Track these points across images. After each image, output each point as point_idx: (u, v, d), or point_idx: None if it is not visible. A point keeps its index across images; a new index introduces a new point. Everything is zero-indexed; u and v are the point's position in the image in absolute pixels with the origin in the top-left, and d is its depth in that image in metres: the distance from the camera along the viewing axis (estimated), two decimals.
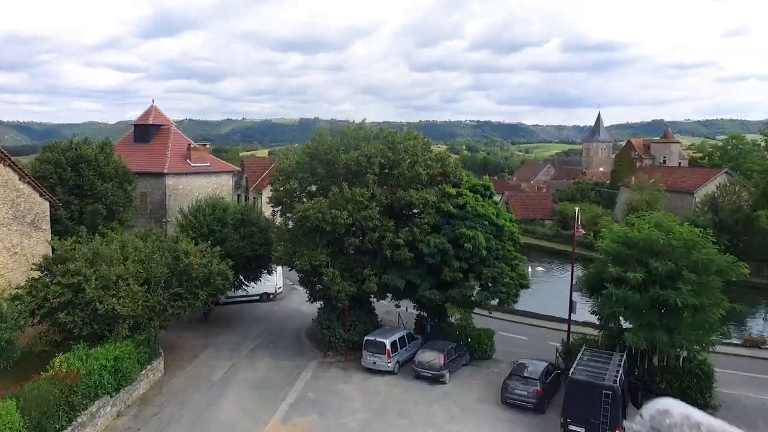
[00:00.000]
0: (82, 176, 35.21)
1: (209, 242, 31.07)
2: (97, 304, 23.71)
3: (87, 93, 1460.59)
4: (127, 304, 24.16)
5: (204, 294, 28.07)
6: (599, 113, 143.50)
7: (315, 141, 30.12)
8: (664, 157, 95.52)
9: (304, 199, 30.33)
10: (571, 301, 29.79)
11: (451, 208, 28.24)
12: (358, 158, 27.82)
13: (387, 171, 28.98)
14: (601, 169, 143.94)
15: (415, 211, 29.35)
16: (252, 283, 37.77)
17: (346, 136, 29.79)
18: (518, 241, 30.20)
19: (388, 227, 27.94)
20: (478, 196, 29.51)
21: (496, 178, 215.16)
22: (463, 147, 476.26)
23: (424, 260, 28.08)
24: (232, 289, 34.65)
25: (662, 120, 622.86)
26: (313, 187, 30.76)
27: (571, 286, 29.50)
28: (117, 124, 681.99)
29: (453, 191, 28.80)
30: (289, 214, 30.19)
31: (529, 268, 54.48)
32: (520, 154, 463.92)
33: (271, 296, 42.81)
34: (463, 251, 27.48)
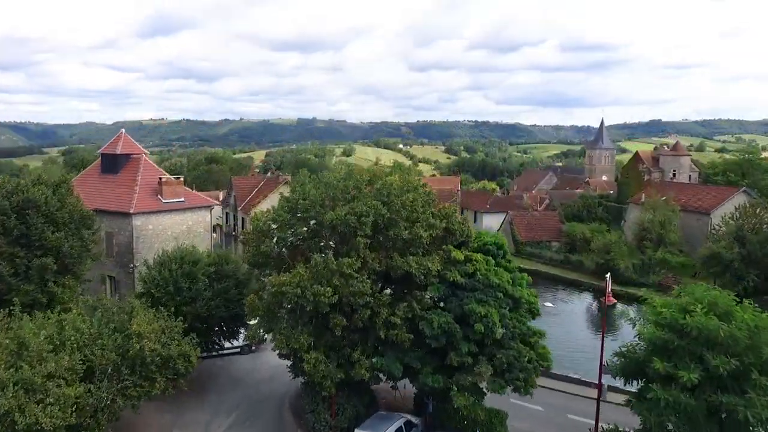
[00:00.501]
0: (30, 225, 30.16)
1: (173, 311, 26.19)
2: (16, 414, 18.74)
3: (84, 93, 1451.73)
4: (56, 413, 19.14)
5: (162, 380, 23.23)
6: (602, 120, 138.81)
7: (296, 192, 25.15)
8: (674, 171, 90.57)
9: (284, 254, 25.32)
10: (600, 385, 24.92)
11: (459, 277, 23.28)
12: (346, 218, 22.84)
13: (381, 229, 23.97)
14: (604, 177, 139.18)
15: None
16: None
17: (332, 188, 24.77)
18: (538, 312, 25.26)
19: (381, 302, 22.98)
20: (490, 258, 24.53)
21: (495, 183, 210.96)
22: (462, 148, 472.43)
23: (426, 341, 23.14)
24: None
25: (660, 120, 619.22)
26: (294, 239, 25.71)
27: (600, 367, 24.58)
28: (114, 124, 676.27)
29: (460, 256, 23.80)
30: (263, 279, 25.22)
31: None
32: (518, 155, 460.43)
33: (253, 347, 37.87)
34: (473, 331, 22.53)
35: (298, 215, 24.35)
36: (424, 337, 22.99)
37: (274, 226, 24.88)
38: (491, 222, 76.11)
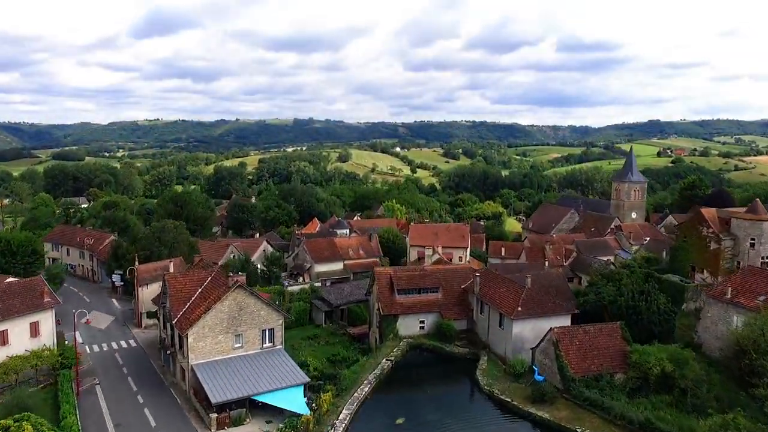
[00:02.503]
0: None
1: None
2: None
3: (80, 93, 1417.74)
4: None
5: None
6: (631, 148, 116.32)
7: None
8: (753, 239, 67.86)
9: None
10: None
11: None
12: None
13: None
14: (634, 215, 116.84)
15: None
16: None
17: None
18: None
19: None
20: None
21: (500, 201, 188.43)
22: (460, 150, 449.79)
23: None
24: None
25: (658, 120, 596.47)
26: None
27: None
28: (110, 125, 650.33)
29: None
30: None
31: None
32: (518, 158, 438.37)
33: None
34: None
35: None
36: None
37: None
38: (524, 331, 53.08)
